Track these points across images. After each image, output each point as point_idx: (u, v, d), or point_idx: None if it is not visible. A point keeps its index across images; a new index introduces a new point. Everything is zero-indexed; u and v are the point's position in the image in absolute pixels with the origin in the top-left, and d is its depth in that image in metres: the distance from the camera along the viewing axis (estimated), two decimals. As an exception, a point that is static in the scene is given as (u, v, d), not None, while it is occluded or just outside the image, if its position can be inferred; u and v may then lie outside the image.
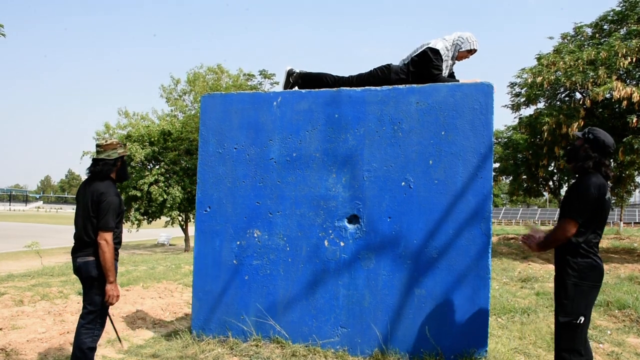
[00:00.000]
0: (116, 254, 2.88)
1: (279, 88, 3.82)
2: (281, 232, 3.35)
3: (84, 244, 2.79)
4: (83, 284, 2.84)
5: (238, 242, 3.42)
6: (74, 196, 3.04)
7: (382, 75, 3.42)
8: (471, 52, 3.45)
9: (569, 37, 12.19)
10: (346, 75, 3.59)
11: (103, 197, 2.74)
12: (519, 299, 5.44)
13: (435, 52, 3.28)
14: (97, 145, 2.89)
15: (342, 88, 3.34)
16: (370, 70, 3.50)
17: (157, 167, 16.52)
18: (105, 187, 2.79)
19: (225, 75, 18.72)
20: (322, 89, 3.39)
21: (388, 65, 3.46)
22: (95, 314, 2.78)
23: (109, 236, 2.73)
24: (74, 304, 4.85)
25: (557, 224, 2.49)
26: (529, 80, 11.57)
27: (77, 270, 2.81)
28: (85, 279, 2.80)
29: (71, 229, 3.05)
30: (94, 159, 2.89)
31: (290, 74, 3.69)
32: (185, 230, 17.79)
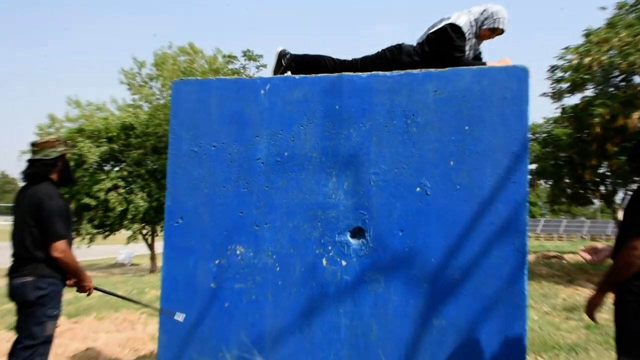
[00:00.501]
0: (63, 275, 2.91)
1: (268, 73, 3.87)
2: (270, 249, 3.38)
3: (22, 261, 2.82)
4: (18, 311, 2.86)
5: (217, 261, 3.45)
6: (10, 205, 3.10)
7: (391, 58, 3.45)
8: (495, 31, 3.40)
9: (626, 7, 12.09)
10: (349, 58, 3.62)
11: (44, 202, 2.79)
12: (564, 332, 5.47)
13: (457, 29, 3.32)
14: (32, 144, 2.96)
15: (344, 73, 3.38)
16: (378, 52, 3.53)
17: (117, 169, 16.54)
18: (45, 190, 2.84)
19: (200, 57, 18.84)
20: (319, 75, 3.44)
21: (399, 45, 3.50)
22: (33, 349, 2.78)
23: (62, 244, 2.78)
24: (3, 343, 4.78)
25: (624, 247, 2.39)
26: (575, 62, 11.61)
27: (12, 293, 2.83)
28: (21, 304, 2.82)
29: (6, 246, 3.07)
30: (29, 160, 2.95)
31: (282, 55, 3.73)
32: (151, 247, 17.79)
